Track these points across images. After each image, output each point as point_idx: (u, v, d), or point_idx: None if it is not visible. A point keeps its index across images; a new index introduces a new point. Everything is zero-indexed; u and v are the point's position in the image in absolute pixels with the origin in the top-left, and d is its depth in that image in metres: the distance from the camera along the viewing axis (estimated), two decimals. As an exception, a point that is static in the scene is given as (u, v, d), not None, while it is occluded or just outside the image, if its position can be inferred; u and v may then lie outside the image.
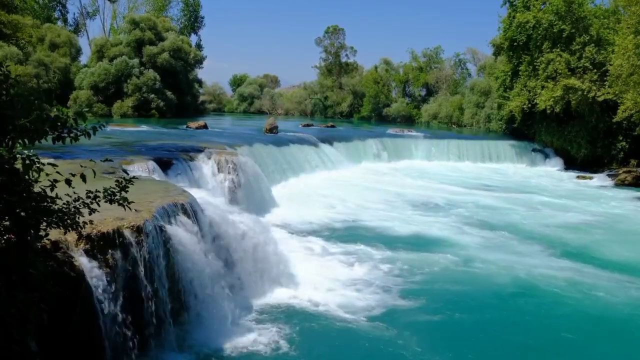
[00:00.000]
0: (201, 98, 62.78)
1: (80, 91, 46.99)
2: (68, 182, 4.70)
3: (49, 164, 4.67)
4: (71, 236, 6.06)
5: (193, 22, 69.30)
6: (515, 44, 33.28)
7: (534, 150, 34.40)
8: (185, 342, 7.87)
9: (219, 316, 8.41)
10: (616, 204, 21.33)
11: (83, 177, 4.81)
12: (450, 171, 29.48)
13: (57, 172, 4.68)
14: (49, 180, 4.69)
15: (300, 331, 8.61)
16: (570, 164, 32.25)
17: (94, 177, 5.08)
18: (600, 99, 27.67)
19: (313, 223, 15.66)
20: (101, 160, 5.96)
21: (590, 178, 28.43)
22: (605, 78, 27.97)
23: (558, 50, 30.84)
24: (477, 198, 21.17)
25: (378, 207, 18.60)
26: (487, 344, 8.70)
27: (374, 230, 15.35)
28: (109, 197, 5.23)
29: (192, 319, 8.15)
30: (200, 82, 60.93)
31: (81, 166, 4.93)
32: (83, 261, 6.16)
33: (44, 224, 4.71)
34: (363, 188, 22.16)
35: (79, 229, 5.09)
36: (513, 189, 24.01)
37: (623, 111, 24.98)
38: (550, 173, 30.92)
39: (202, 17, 70.63)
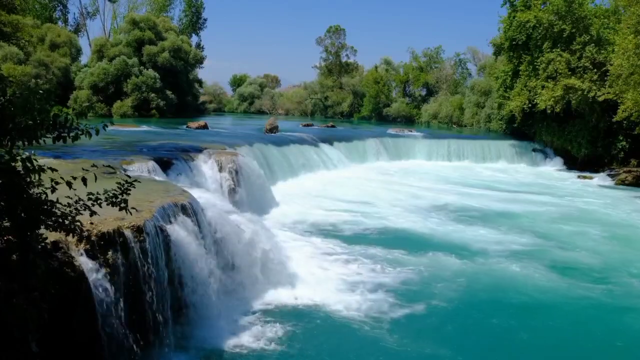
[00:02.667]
0: (201, 98, 62.83)
1: (80, 91, 47.06)
2: (69, 184, 4.70)
3: (48, 168, 4.67)
4: (71, 236, 6.05)
5: (195, 22, 69.35)
6: (515, 43, 33.27)
7: (534, 150, 34.40)
8: (185, 342, 7.87)
9: (219, 315, 8.42)
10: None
11: (84, 181, 4.81)
12: (452, 170, 29.42)
13: (61, 178, 4.68)
14: (50, 178, 4.70)
15: (300, 331, 8.62)
16: (570, 164, 32.23)
17: (95, 181, 5.08)
18: (601, 98, 27.64)
19: (313, 222, 15.66)
20: (104, 166, 5.97)
21: (591, 178, 28.42)
22: (605, 78, 27.93)
23: (558, 50, 30.82)
24: (487, 200, 21.15)
25: (379, 206, 18.58)
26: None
27: (375, 230, 15.31)
28: (111, 199, 5.22)
29: (192, 318, 8.15)
30: (200, 82, 60.99)
31: (83, 169, 4.93)
32: (83, 261, 6.17)
33: (44, 225, 4.71)
34: (363, 187, 22.14)
35: (79, 231, 5.08)
36: (537, 192, 23.32)
37: (623, 111, 24.96)
38: (551, 173, 30.89)
39: (205, 19, 70.81)
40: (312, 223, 15.62)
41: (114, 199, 5.21)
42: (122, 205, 5.24)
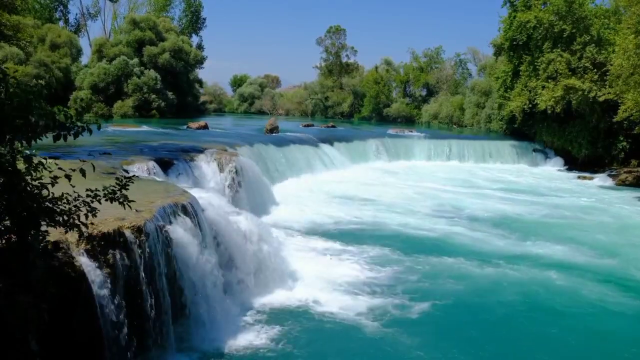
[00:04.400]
0: (202, 98, 62.86)
1: (80, 91, 47.06)
2: (68, 177, 4.70)
3: (51, 158, 4.68)
4: (72, 236, 6.06)
5: (194, 23, 69.40)
6: (515, 44, 33.30)
7: (534, 150, 34.41)
8: (185, 342, 7.88)
9: (219, 316, 8.42)
10: None
11: (82, 172, 4.81)
12: (456, 171, 29.37)
13: (60, 169, 4.68)
14: (50, 177, 4.70)
15: (300, 332, 8.61)
16: (571, 164, 32.23)
17: (94, 170, 5.07)
18: (601, 99, 27.64)
19: (314, 223, 15.64)
20: (100, 154, 6.01)
21: (591, 178, 28.40)
22: (605, 78, 27.92)
23: (559, 50, 30.83)
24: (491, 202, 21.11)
25: (380, 206, 18.55)
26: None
27: (375, 230, 15.29)
28: (110, 195, 5.22)
29: (192, 319, 8.15)
30: (200, 83, 61.02)
31: (80, 160, 4.94)
32: (84, 261, 6.16)
33: (44, 224, 4.71)
34: (363, 188, 22.11)
35: (80, 229, 5.08)
36: (551, 195, 22.66)
37: (623, 111, 24.94)
38: (552, 173, 30.84)
39: (204, 19, 70.89)
40: (312, 223, 15.61)
41: (112, 195, 5.21)
42: (121, 200, 5.23)
